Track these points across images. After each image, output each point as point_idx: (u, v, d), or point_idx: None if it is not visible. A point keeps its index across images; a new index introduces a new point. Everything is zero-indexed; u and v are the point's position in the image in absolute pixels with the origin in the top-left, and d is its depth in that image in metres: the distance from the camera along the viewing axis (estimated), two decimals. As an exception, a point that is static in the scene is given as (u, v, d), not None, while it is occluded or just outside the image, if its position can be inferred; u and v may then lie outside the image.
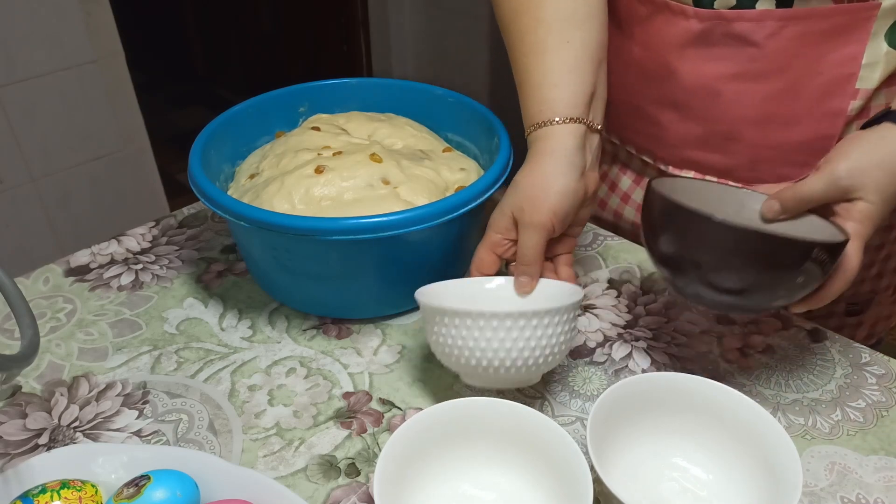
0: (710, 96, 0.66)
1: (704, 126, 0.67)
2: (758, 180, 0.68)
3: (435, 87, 0.77)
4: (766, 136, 0.65)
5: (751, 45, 0.62)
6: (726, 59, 0.63)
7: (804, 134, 0.64)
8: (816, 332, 0.64)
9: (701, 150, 0.69)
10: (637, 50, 0.69)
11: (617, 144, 0.79)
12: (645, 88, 0.70)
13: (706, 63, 0.64)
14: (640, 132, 0.74)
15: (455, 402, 0.48)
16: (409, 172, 0.65)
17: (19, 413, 0.56)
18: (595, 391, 0.59)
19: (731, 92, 0.64)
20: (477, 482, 0.49)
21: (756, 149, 0.66)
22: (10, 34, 1.31)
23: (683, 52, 0.65)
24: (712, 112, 0.66)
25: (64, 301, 0.68)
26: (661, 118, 0.70)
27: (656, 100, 0.70)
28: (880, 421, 0.56)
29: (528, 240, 0.55)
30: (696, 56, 0.64)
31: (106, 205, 1.58)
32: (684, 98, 0.67)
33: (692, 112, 0.67)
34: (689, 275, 0.49)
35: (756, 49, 0.62)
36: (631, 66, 0.70)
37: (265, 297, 0.68)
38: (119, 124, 1.53)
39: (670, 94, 0.68)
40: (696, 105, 0.67)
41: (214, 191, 0.59)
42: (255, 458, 0.53)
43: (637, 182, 0.78)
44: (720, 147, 0.68)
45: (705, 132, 0.68)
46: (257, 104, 0.74)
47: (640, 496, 0.49)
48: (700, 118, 0.67)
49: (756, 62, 0.62)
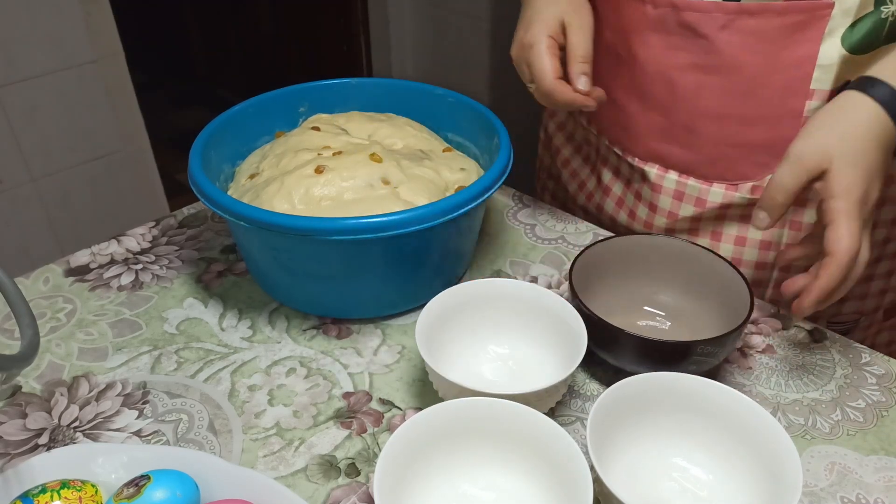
0: (668, 86, 0.66)
1: (666, 117, 0.68)
2: (719, 178, 0.68)
3: (435, 87, 0.77)
4: (724, 132, 0.65)
5: (701, 37, 0.62)
6: (682, 48, 0.64)
7: (763, 134, 0.64)
8: (816, 332, 0.64)
9: (664, 142, 0.69)
10: (608, 34, 0.70)
11: (596, 135, 0.79)
12: (615, 75, 0.71)
13: (664, 52, 0.65)
14: (612, 122, 0.74)
15: (455, 402, 0.48)
16: (409, 172, 0.65)
17: (19, 413, 0.56)
18: (595, 391, 0.59)
19: (688, 83, 0.65)
20: (477, 482, 0.49)
21: (716, 146, 0.67)
22: (10, 34, 1.31)
23: (645, 38, 0.66)
24: (672, 103, 0.67)
25: (64, 301, 0.68)
26: (628, 107, 0.71)
27: (624, 87, 0.70)
28: (880, 421, 0.56)
29: (585, 39, 0.64)
30: (656, 43, 0.65)
31: (106, 205, 1.58)
32: (646, 86, 0.68)
33: (654, 101, 0.68)
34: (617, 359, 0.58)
35: (707, 42, 0.62)
36: (603, 50, 0.70)
37: (265, 297, 0.68)
38: (119, 124, 1.53)
39: (634, 82, 0.69)
40: (656, 94, 0.67)
41: (214, 191, 0.59)
42: (255, 458, 0.53)
43: (616, 176, 0.78)
44: (681, 140, 0.68)
45: (667, 123, 0.68)
46: (257, 104, 0.74)
47: (640, 496, 0.49)
48: (661, 108, 0.68)
49: (710, 55, 0.62)
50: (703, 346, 0.54)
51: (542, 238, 0.77)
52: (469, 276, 0.71)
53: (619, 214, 0.79)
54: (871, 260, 0.67)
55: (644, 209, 0.75)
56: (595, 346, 0.56)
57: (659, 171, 0.72)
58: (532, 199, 0.83)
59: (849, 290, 0.65)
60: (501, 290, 0.60)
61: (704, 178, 0.69)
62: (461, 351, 0.59)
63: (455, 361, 0.58)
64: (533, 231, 0.78)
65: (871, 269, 0.71)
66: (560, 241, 0.76)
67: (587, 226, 0.78)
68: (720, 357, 0.56)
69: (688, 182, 0.70)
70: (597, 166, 0.81)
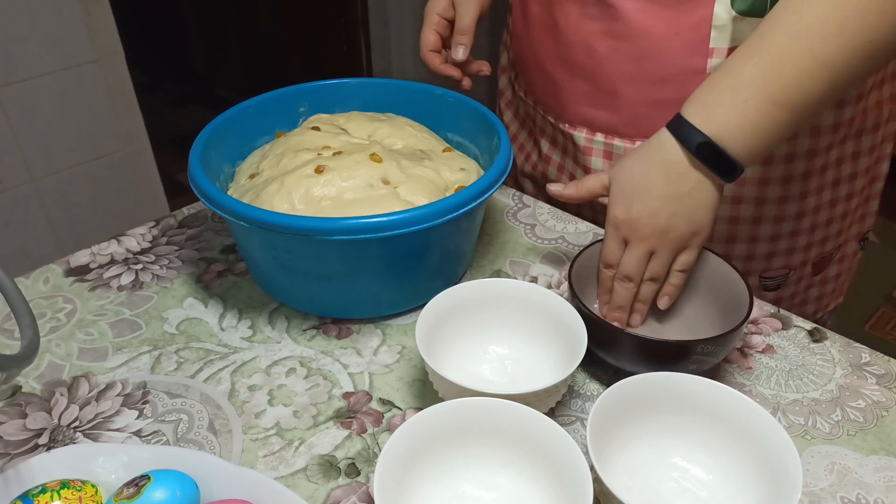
0: (588, 53, 0.70)
1: (589, 83, 0.72)
2: (642, 135, 0.71)
3: (435, 87, 0.77)
4: (641, 93, 0.70)
5: (609, 5, 0.66)
6: (595, 18, 0.68)
7: (674, 93, 0.67)
8: (816, 332, 0.64)
9: (591, 106, 0.73)
10: (535, 7, 0.74)
11: (532, 106, 0.83)
12: (543, 45, 0.75)
13: (582, 20, 0.69)
14: (545, 92, 0.79)
15: (455, 402, 0.48)
16: (409, 172, 0.65)
17: (19, 413, 0.56)
18: (595, 391, 0.59)
19: (605, 49, 0.69)
20: (477, 482, 0.49)
21: (635, 106, 0.70)
22: (10, 34, 1.31)
23: (565, 9, 0.70)
24: (594, 69, 0.71)
25: (64, 301, 0.68)
26: (555, 75, 0.75)
27: (551, 56, 0.74)
28: (880, 421, 0.56)
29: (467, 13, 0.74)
30: (574, 13, 0.69)
31: (106, 205, 1.58)
32: (570, 54, 0.72)
33: (577, 68, 0.72)
34: (617, 359, 0.58)
35: (614, 9, 0.66)
36: (532, 22, 0.75)
37: (265, 297, 0.68)
38: (119, 124, 1.53)
39: (560, 51, 0.73)
40: (579, 61, 0.71)
41: (214, 191, 0.59)
42: (255, 458, 0.53)
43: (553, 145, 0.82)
44: (605, 104, 0.72)
45: (592, 89, 0.72)
46: (257, 104, 0.74)
47: (640, 496, 0.49)
48: (584, 75, 0.72)
49: (618, 22, 0.67)
50: (703, 346, 0.54)
51: (542, 238, 0.77)
52: (469, 276, 0.71)
53: (562, 179, 0.82)
54: (794, 215, 0.73)
55: (581, 173, 0.79)
56: (595, 346, 0.56)
57: (587, 135, 0.75)
58: (532, 199, 0.83)
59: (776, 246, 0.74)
60: (501, 290, 0.60)
61: (629, 137, 0.73)
62: (461, 351, 0.59)
63: (455, 361, 0.58)
64: (533, 231, 0.78)
65: (795, 224, 0.74)
66: (560, 241, 0.76)
67: (587, 226, 0.78)
68: (720, 357, 0.56)
69: (613, 142, 0.74)
70: (537, 138, 0.84)
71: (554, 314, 0.58)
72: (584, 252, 0.62)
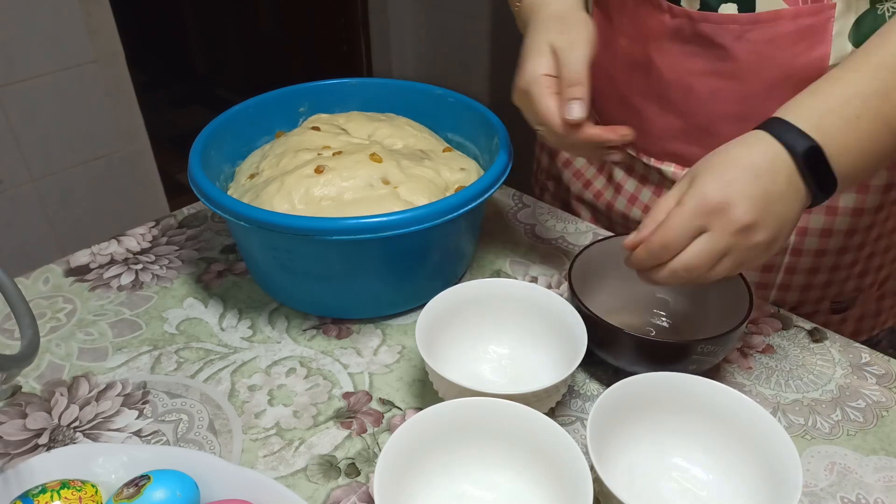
0: (685, 91, 0.67)
1: (683, 119, 0.69)
2: None
3: (435, 87, 0.77)
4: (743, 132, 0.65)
5: (718, 46, 0.63)
6: (699, 56, 0.64)
7: None
8: (816, 332, 0.64)
9: (682, 142, 0.70)
10: (623, 41, 0.70)
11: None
12: (630, 80, 0.71)
13: (682, 58, 0.65)
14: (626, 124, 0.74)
15: (455, 402, 0.48)
16: (409, 172, 0.65)
17: (19, 413, 0.56)
18: (595, 391, 0.59)
19: (706, 88, 0.65)
20: (477, 482, 0.49)
21: None
22: (10, 34, 1.31)
23: (662, 45, 0.66)
24: (689, 106, 0.67)
25: (64, 301, 0.68)
26: (644, 110, 0.71)
27: (640, 91, 0.71)
28: (880, 421, 0.56)
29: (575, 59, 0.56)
30: (673, 50, 0.66)
31: (106, 205, 1.58)
32: (664, 91, 0.68)
33: (671, 105, 0.69)
34: (617, 359, 0.59)
35: (723, 51, 0.62)
36: (618, 57, 0.71)
37: (265, 297, 0.68)
38: (119, 124, 1.53)
39: (652, 87, 0.69)
40: (674, 98, 0.68)
41: (214, 191, 0.59)
42: (255, 458, 0.53)
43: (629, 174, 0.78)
44: (699, 140, 0.68)
45: (685, 125, 0.69)
46: (257, 104, 0.74)
47: (640, 496, 0.49)
48: (679, 111, 0.68)
49: (727, 62, 0.63)
50: (703, 346, 0.54)
51: (542, 238, 0.77)
52: (469, 276, 0.71)
53: (632, 210, 0.79)
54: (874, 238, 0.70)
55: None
56: (595, 346, 0.56)
57: (676, 170, 0.72)
58: (532, 199, 0.83)
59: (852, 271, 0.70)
60: (501, 290, 0.60)
61: None
62: (461, 351, 0.59)
63: (455, 361, 0.58)
64: (533, 231, 0.78)
65: (873, 247, 0.72)
66: (560, 241, 0.76)
67: (587, 226, 0.78)
68: (720, 356, 0.56)
69: None
70: (605, 165, 0.81)
71: (554, 314, 0.58)
72: (584, 252, 0.62)
